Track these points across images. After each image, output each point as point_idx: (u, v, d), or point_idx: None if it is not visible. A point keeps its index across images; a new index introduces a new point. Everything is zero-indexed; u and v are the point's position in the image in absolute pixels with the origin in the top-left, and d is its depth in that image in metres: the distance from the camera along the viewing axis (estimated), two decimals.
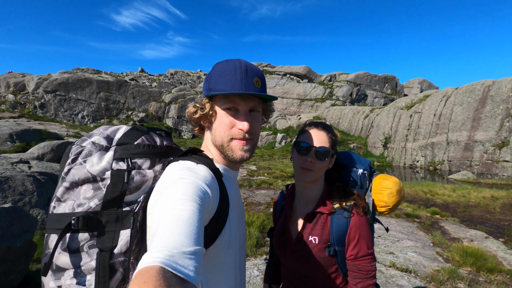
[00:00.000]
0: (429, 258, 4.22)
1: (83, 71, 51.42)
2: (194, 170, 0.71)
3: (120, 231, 0.75)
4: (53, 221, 0.76)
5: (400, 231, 5.69)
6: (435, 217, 7.38)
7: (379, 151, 28.55)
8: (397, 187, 1.15)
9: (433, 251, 4.60)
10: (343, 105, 42.88)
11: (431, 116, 25.30)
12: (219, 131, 0.82)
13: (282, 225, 1.21)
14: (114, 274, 0.73)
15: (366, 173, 1.19)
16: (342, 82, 50.42)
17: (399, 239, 5.07)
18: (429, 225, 6.49)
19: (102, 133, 0.85)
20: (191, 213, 0.57)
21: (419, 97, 29.52)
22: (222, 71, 0.80)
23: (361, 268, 1.06)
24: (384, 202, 1.15)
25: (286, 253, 1.16)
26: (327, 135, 1.10)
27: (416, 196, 10.57)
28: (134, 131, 0.87)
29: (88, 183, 0.77)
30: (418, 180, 17.96)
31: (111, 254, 0.73)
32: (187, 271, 0.46)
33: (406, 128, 27.00)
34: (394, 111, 29.19)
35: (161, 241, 0.50)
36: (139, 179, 0.79)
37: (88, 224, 0.73)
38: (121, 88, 42.47)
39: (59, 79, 38.28)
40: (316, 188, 1.15)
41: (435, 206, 8.90)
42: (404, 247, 4.61)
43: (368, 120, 32.02)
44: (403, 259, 4.03)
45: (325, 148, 1.07)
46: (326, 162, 1.10)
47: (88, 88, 39.97)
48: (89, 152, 0.80)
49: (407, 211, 7.52)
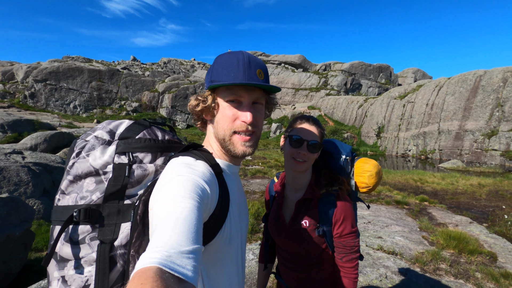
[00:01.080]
0: (415, 242, 4.44)
1: (74, 59, 50.28)
2: (192, 166, 0.71)
3: (121, 224, 0.76)
4: (58, 213, 0.78)
5: (390, 217, 5.91)
6: (423, 204, 7.64)
7: (373, 141, 28.93)
8: (376, 169, 1.30)
9: (419, 235, 4.83)
10: (338, 95, 43.02)
11: (423, 105, 25.61)
12: (222, 124, 0.82)
13: (276, 211, 1.32)
14: (114, 266, 0.73)
15: (348, 159, 1.31)
16: (337, 71, 50.40)
17: (388, 225, 5.28)
18: (418, 211, 6.74)
19: (105, 127, 0.86)
20: (189, 211, 0.57)
21: (413, 86, 29.77)
22: (225, 63, 0.80)
23: (346, 244, 1.20)
24: (365, 183, 1.30)
25: (281, 236, 1.28)
26: (317, 129, 1.20)
27: (407, 184, 10.87)
28: (136, 125, 0.88)
29: (90, 177, 0.78)
30: (410, 168, 18.35)
31: (111, 247, 0.74)
32: (185, 271, 0.47)
33: (399, 118, 27.33)
34: (388, 101, 29.44)
35: (159, 241, 0.50)
36: (140, 173, 0.80)
37: (90, 217, 0.74)
38: (114, 77, 41.78)
39: (49, 68, 37.44)
40: (305, 176, 1.25)
41: (425, 193, 9.19)
42: (392, 232, 4.82)
43: (362, 109, 32.25)
44: (391, 242, 4.24)
45: (316, 142, 1.17)
46: (317, 154, 1.20)
47: (79, 77, 39.23)
48: (92, 146, 0.81)
49: (397, 199, 7.77)
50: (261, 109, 0.85)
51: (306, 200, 1.23)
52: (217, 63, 0.82)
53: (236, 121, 0.81)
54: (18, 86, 37.57)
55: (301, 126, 1.20)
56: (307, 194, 1.22)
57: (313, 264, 1.26)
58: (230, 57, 0.80)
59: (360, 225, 5.22)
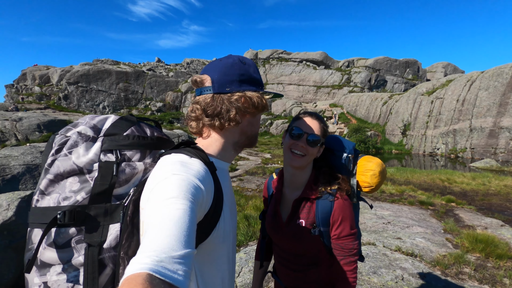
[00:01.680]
0: (438, 244, 4.24)
1: (103, 62, 52.83)
2: (187, 164, 0.68)
3: (109, 226, 0.73)
4: (37, 215, 0.72)
5: (411, 218, 5.68)
6: (450, 204, 7.26)
7: (398, 139, 27.82)
8: (380, 168, 1.23)
9: (443, 237, 4.60)
10: (361, 92, 41.77)
11: (453, 101, 24.21)
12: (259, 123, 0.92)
13: (273, 209, 1.30)
14: (104, 270, 0.71)
15: (351, 156, 1.25)
16: (360, 67, 48.91)
17: (409, 226, 5.08)
18: (443, 212, 6.42)
19: (88, 122, 0.81)
20: (183, 212, 0.55)
21: (442, 82, 28.22)
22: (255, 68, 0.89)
23: (343, 247, 1.16)
24: (368, 183, 1.24)
25: (278, 234, 1.26)
26: (319, 124, 1.17)
27: (433, 184, 10.36)
28: (123, 121, 0.84)
29: (74, 176, 0.74)
30: (438, 168, 17.47)
31: (100, 249, 0.71)
32: (176, 276, 0.46)
33: (427, 115, 26.05)
34: (414, 97, 28.15)
35: (150, 244, 0.49)
36: (129, 172, 0.77)
37: (75, 219, 0.70)
38: (139, 79, 43.44)
39: (80, 71, 39.64)
40: (303, 174, 1.23)
41: (452, 194, 8.71)
42: (413, 233, 4.64)
43: (386, 106, 31.11)
44: (410, 244, 4.08)
45: (316, 136, 1.14)
46: (316, 149, 1.17)
47: (108, 79, 41.20)
48: (74, 142, 0.76)
49: (421, 199, 7.45)
50: None
51: (303, 199, 1.20)
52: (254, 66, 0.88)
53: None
54: (53, 88, 40.16)
55: (303, 119, 1.18)
56: (304, 193, 1.19)
57: (310, 264, 1.24)
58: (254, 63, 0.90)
59: (378, 226, 5.08)
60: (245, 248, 3.88)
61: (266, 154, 19.06)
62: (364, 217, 5.61)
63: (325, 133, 1.20)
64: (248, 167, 13.14)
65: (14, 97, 38.61)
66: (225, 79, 0.82)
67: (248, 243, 4.22)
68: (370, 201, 7.41)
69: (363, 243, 4.02)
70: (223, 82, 0.82)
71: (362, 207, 6.25)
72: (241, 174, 11.23)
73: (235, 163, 14.15)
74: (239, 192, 7.96)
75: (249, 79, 0.85)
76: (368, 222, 5.29)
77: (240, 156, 16.80)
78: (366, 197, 7.82)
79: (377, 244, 4.03)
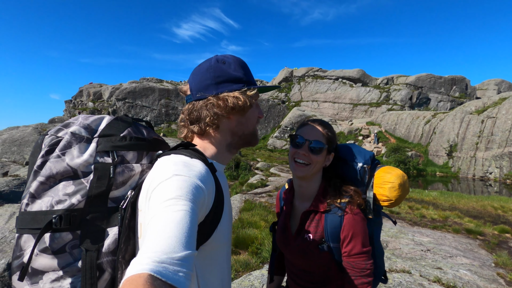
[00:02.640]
0: (487, 278, 3.75)
1: (148, 80, 57.16)
2: (189, 165, 0.68)
3: (107, 229, 0.71)
4: (27, 220, 0.68)
5: (456, 247, 5.13)
6: (504, 235, 6.44)
7: (442, 160, 25.69)
8: (400, 180, 1.12)
9: (493, 272, 4.07)
10: (401, 110, 39.76)
11: (508, 121, 21.94)
12: (252, 120, 0.87)
13: (283, 221, 1.24)
14: (102, 275, 0.69)
15: (366, 167, 1.16)
16: (400, 85, 46.85)
17: (452, 255, 4.58)
18: (495, 244, 5.71)
19: (81, 123, 0.78)
20: (184, 214, 0.55)
21: (494, 100, 25.84)
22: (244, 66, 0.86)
23: (355, 266, 1.06)
24: (386, 196, 1.13)
25: (287, 248, 1.20)
26: (322, 130, 1.12)
27: (483, 211, 9.31)
28: (119, 122, 0.82)
29: (68, 178, 0.70)
30: (490, 194, 15.70)
31: (98, 254, 0.69)
32: (177, 277, 0.46)
33: (477, 135, 23.84)
34: (462, 116, 26.04)
35: (151, 246, 0.49)
36: (126, 174, 0.75)
37: (71, 223, 0.67)
38: (179, 96, 45.93)
39: (128, 88, 43.29)
40: (312, 185, 1.16)
41: (507, 224, 7.72)
42: (456, 264, 4.16)
43: (429, 126, 29.11)
44: (452, 275, 3.66)
45: (320, 143, 1.09)
46: (320, 157, 1.11)
47: (151, 96, 44.36)
48: (68, 143, 0.73)
49: (469, 227, 6.73)
50: None
51: (312, 211, 1.13)
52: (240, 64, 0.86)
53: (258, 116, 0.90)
54: (104, 104, 44.11)
55: (305, 127, 1.14)
56: (313, 206, 1.13)
57: (319, 282, 1.16)
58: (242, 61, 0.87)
59: (416, 252, 4.65)
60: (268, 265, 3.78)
61: None
62: (400, 242, 5.18)
63: (331, 140, 1.13)
64: (279, 183, 13.00)
65: (72, 111, 43.12)
66: (200, 85, 0.82)
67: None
68: (408, 226, 6.86)
69: (396, 270, 3.70)
70: (199, 88, 0.82)
71: (397, 232, 5.79)
72: (271, 190, 11.14)
73: (265, 179, 14.09)
74: (267, 208, 7.88)
75: (228, 79, 0.82)
76: (404, 248, 4.87)
77: (271, 172, 16.71)
78: (398, 218, 7.25)
79: (412, 272, 3.68)
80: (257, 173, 16.01)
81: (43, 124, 16.41)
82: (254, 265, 3.92)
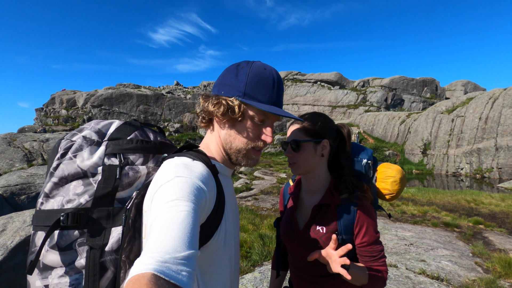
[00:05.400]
0: (466, 268, 3.96)
1: (125, 86, 55.64)
2: (190, 167, 0.69)
3: (112, 229, 0.73)
4: (41, 218, 0.73)
5: (436, 240, 5.38)
6: (478, 227, 6.82)
7: (418, 158, 26.89)
8: (400, 175, 1.20)
9: (471, 261, 4.30)
10: (378, 111, 41.27)
11: (476, 119, 23.38)
12: (244, 137, 0.80)
13: (289, 215, 1.26)
14: (105, 273, 0.71)
15: (370, 163, 1.23)
16: (376, 87, 48.67)
17: (434, 248, 4.80)
18: (471, 235, 6.04)
19: (93, 127, 0.83)
20: (186, 214, 0.56)
21: (462, 100, 27.48)
22: (262, 78, 0.77)
23: (373, 252, 1.12)
24: (388, 190, 1.21)
25: (293, 241, 1.21)
26: (299, 126, 1.16)
27: (458, 205, 9.82)
28: (127, 126, 0.85)
29: (78, 179, 0.75)
30: (463, 188, 16.59)
31: (102, 252, 0.71)
32: (180, 277, 0.46)
33: (448, 134, 25.19)
34: (434, 116, 27.45)
35: (154, 246, 0.50)
36: (132, 175, 0.77)
37: (78, 221, 0.70)
38: (158, 101, 45.17)
39: (104, 95, 41.84)
40: (319, 178, 1.20)
41: (480, 216, 8.19)
42: (438, 256, 4.37)
43: (404, 125, 30.43)
44: (435, 267, 3.84)
45: (296, 140, 1.14)
46: (305, 153, 1.14)
47: (129, 102, 43.10)
48: (79, 146, 0.78)
49: (446, 220, 7.06)
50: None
51: (323, 205, 1.17)
52: (254, 74, 0.77)
53: (257, 137, 0.81)
54: (79, 111, 42.36)
55: (288, 130, 1.21)
56: (325, 199, 1.15)
57: (327, 276, 1.18)
58: (266, 74, 0.78)
59: (400, 247, 4.83)
60: (260, 268, 3.79)
61: (281, 173, 18.89)
62: (385, 238, 5.36)
63: (313, 130, 1.15)
64: (263, 186, 13.04)
65: (43, 119, 41.00)
66: (215, 83, 0.85)
67: (263, 263, 4.12)
68: (390, 222, 7.11)
69: None
70: (214, 85, 0.86)
71: (381, 228, 5.99)
72: (256, 194, 11.14)
73: (250, 183, 14.08)
74: (253, 211, 7.87)
75: (230, 83, 0.79)
76: (389, 243, 5.04)
77: (255, 176, 16.72)
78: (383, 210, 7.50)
79: (399, 266, 3.82)
80: (241, 177, 15.96)
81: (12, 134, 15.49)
82: (245, 269, 3.90)
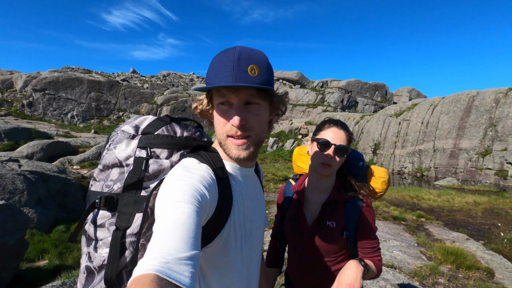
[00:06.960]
0: (413, 256, 4.44)
1: (74, 70, 50.72)
2: (191, 170, 0.71)
3: (136, 214, 0.79)
4: (90, 197, 0.86)
5: (387, 232, 5.90)
6: (420, 220, 7.65)
7: (369, 157, 29.10)
8: (388, 176, 1.38)
9: (417, 250, 4.82)
10: (334, 111, 43.56)
11: (419, 124, 26.01)
12: (217, 127, 0.79)
13: (296, 212, 1.31)
14: (124, 252, 0.77)
15: (364, 165, 1.37)
16: (333, 88, 51.28)
17: (386, 239, 5.27)
18: (415, 227, 6.74)
19: (131, 122, 0.92)
20: (188, 215, 0.57)
21: (408, 105, 30.32)
22: (216, 63, 0.74)
23: (373, 243, 1.25)
24: (379, 189, 1.36)
25: (301, 237, 1.27)
26: (345, 134, 1.22)
27: (403, 201, 10.90)
28: (158, 121, 0.91)
29: (116, 167, 0.84)
30: (406, 185, 18.41)
31: (123, 233, 0.77)
32: (183, 277, 0.47)
33: (395, 135, 27.65)
34: (384, 118, 29.88)
35: (157, 246, 0.51)
36: (156, 168, 0.83)
37: (109, 204, 0.80)
38: (113, 89, 42.06)
39: (48, 78, 37.66)
40: (330, 179, 1.29)
41: (421, 210, 9.20)
42: (390, 246, 4.82)
43: (358, 126, 32.64)
44: (389, 256, 4.23)
45: (344, 146, 1.19)
46: (344, 158, 1.22)
47: (78, 88, 39.42)
48: (119, 139, 0.87)
49: (394, 214, 7.78)
50: (256, 109, 0.77)
51: (331, 201, 1.26)
52: (211, 63, 0.76)
53: (227, 124, 0.76)
54: (17, 94, 37.58)
55: (329, 130, 1.22)
56: (333, 196, 1.25)
57: (332, 269, 1.27)
58: (222, 56, 0.74)
59: None
60: None
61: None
62: None
63: (351, 141, 1.26)
64: None
65: None
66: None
67: None
68: None
69: None
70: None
71: None
72: None
73: None
74: None
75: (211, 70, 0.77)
76: None
77: None
78: None
79: None
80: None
81: None
82: None
